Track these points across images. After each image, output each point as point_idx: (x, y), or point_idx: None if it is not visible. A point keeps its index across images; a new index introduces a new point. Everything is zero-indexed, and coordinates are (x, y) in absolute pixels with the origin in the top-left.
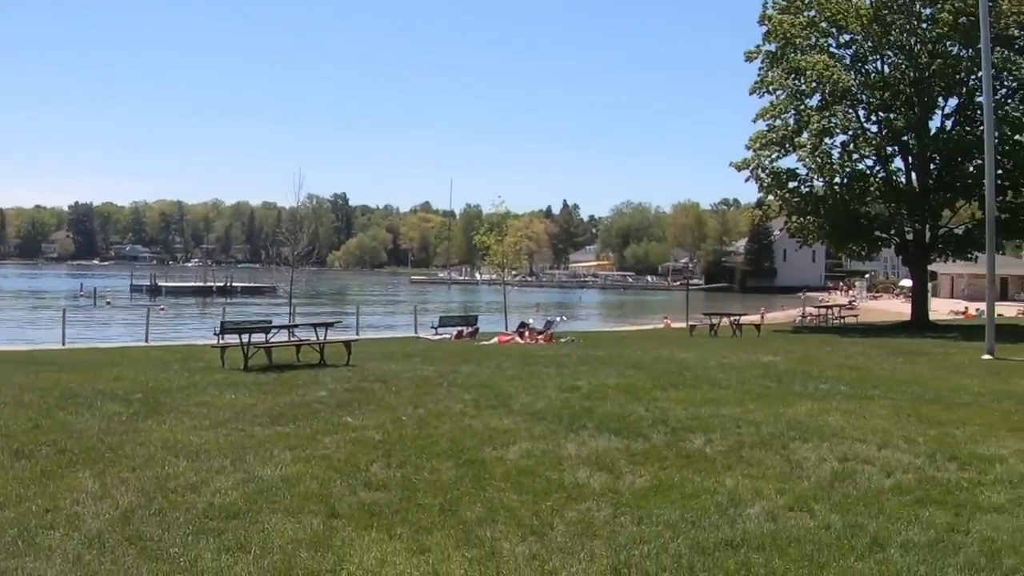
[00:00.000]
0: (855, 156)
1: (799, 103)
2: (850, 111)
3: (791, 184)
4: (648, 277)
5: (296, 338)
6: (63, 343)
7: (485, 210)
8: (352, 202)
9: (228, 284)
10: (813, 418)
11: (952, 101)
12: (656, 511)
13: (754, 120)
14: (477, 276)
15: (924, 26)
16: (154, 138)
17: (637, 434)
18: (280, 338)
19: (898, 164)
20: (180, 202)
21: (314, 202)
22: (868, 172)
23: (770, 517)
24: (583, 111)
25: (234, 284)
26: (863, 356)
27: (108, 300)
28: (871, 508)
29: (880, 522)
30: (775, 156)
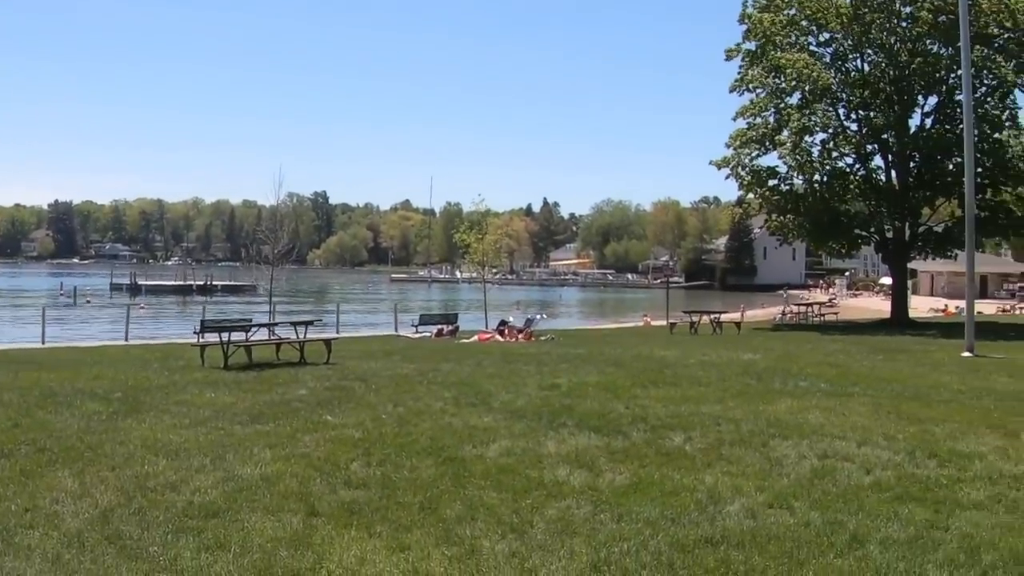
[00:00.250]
0: (835, 154)
1: (779, 101)
2: (830, 109)
3: (771, 182)
4: (628, 275)
5: (276, 336)
6: (43, 342)
7: (465, 208)
8: (332, 200)
9: (208, 283)
10: (793, 415)
11: (932, 99)
12: (636, 508)
13: (734, 118)
14: (457, 274)
15: (904, 24)
16: (134, 135)
17: (617, 432)
18: (260, 336)
19: (878, 162)
20: (160, 200)
21: (294, 200)
22: (848, 170)
23: (750, 514)
24: (563, 109)
25: (214, 283)
26: (843, 353)
27: (88, 299)
28: (851, 505)
29: (860, 519)
30: (755, 154)
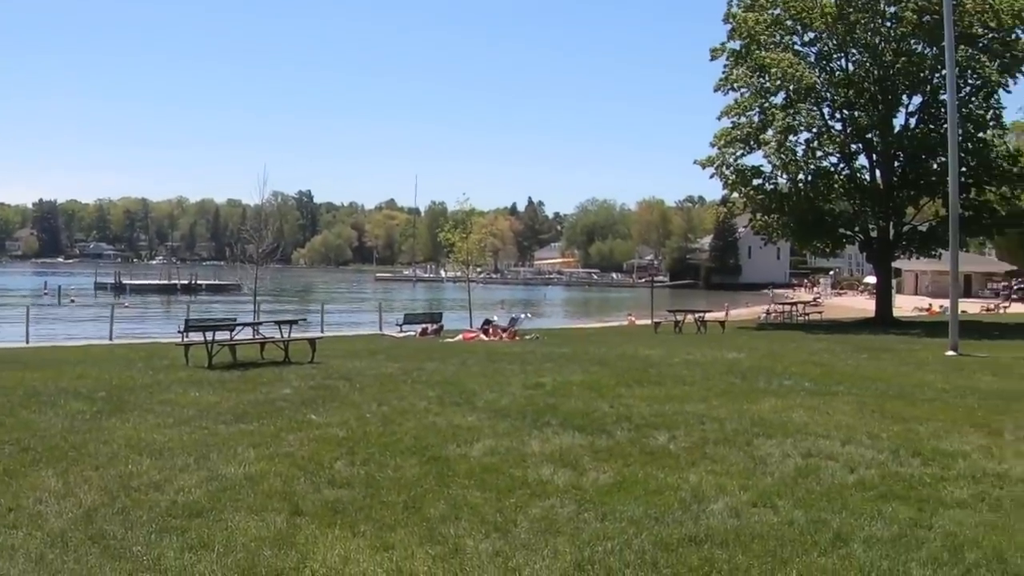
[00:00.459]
0: (819, 153)
1: (764, 101)
2: (814, 109)
3: (756, 181)
4: (613, 274)
5: (260, 336)
6: (27, 341)
7: (450, 207)
8: (317, 199)
9: (193, 282)
10: (777, 414)
11: (916, 99)
12: (620, 507)
13: (719, 117)
14: (442, 273)
15: (888, 24)
16: (118, 134)
17: (601, 431)
18: (244, 336)
19: (862, 161)
20: (145, 199)
21: (279, 199)
22: (832, 169)
23: (734, 513)
24: (549, 108)
25: (199, 282)
26: (827, 352)
27: (72, 298)
28: (834, 504)
29: (843, 518)
30: (740, 153)
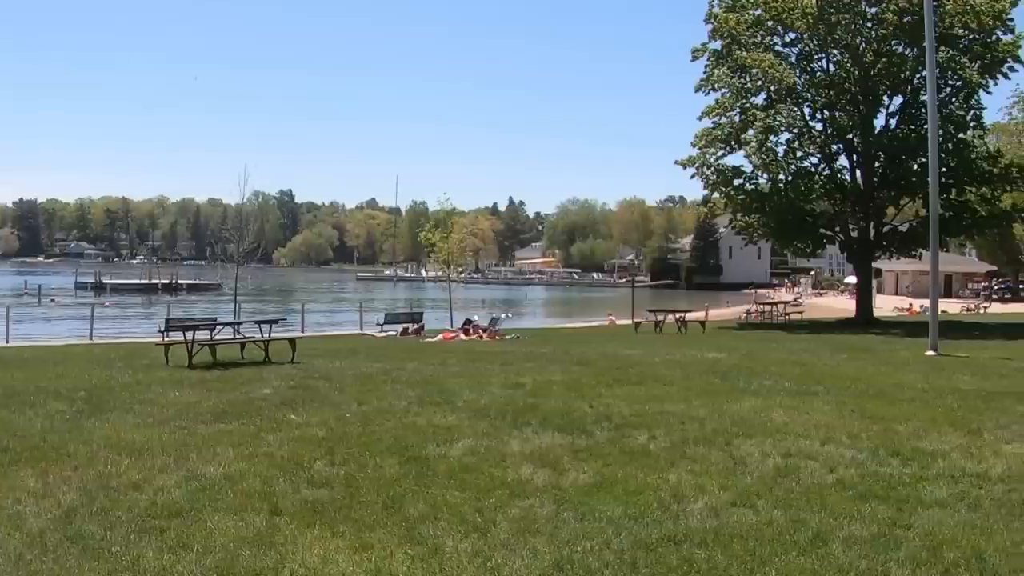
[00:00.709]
0: (800, 154)
1: (744, 101)
2: (795, 109)
3: (736, 181)
4: (594, 274)
5: (241, 335)
6: (7, 341)
7: (431, 207)
8: (298, 199)
9: (173, 281)
10: (757, 414)
11: (897, 100)
12: (599, 507)
13: (700, 118)
14: (423, 273)
15: (869, 25)
16: (99, 134)
17: (581, 431)
18: (225, 335)
19: (843, 162)
20: (126, 199)
21: (260, 199)
22: (813, 170)
23: (713, 513)
24: (530, 108)
25: (179, 281)
26: (807, 352)
27: (53, 298)
28: (814, 503)
29: (823, 517)
30: (720, 154)
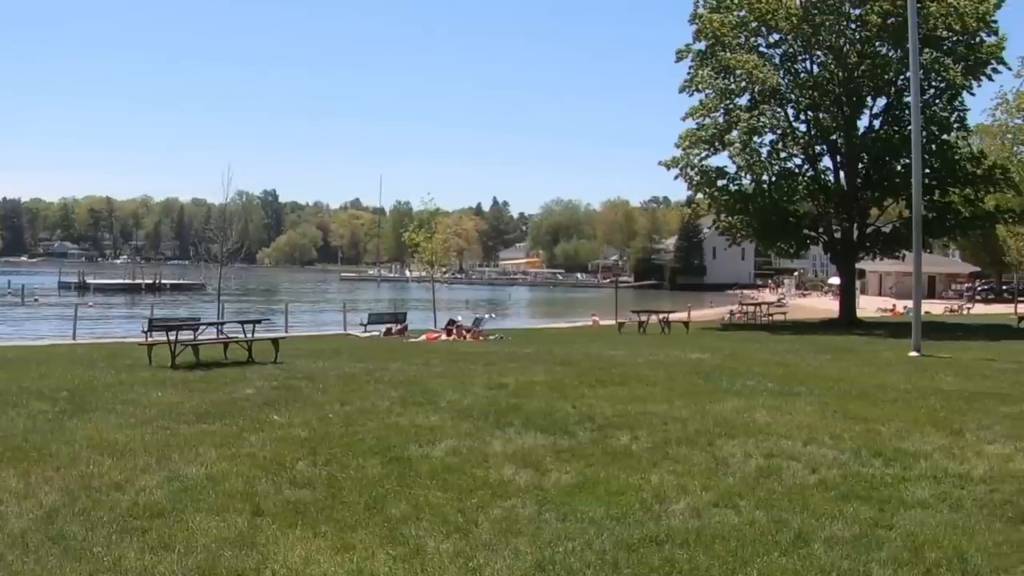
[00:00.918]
0: (784, 155)
1: (728, 102)
2: (779, 110)
3: (720, 182)
4: (578, 274)
5: (224, 336)
6: None
7: (415, 207)
8: (282, 199)
9: (157, 281)
10: (740, 415)
11: (880, 101)
12: (581, 508)
13: (684, 118)
14: (407, 273)
15: (853, 27)
16: (83, 133)
17: (563, 431)
18: (208, 336)
19: (827, 163)
20: (109, 198)
21: (244, 199)
22: (797, 171)
23: (695, 513)
24: (514, 108)
25: (163, 281)
26: (790, 353)
27: (36, 297)
28: (796, 504)
29: (804, 518)
30: (705, 154)
